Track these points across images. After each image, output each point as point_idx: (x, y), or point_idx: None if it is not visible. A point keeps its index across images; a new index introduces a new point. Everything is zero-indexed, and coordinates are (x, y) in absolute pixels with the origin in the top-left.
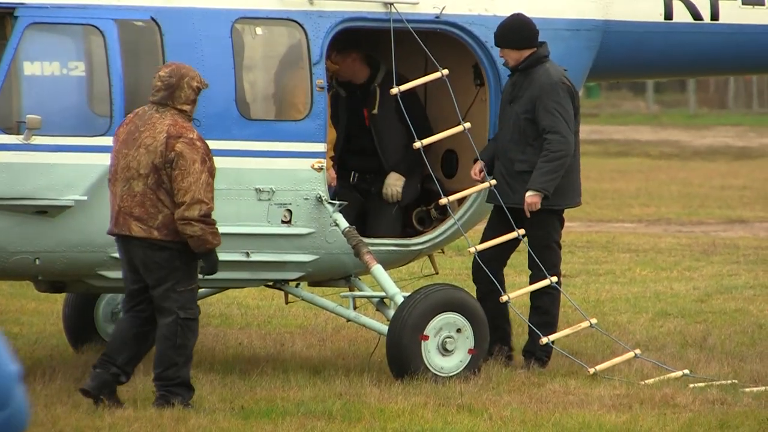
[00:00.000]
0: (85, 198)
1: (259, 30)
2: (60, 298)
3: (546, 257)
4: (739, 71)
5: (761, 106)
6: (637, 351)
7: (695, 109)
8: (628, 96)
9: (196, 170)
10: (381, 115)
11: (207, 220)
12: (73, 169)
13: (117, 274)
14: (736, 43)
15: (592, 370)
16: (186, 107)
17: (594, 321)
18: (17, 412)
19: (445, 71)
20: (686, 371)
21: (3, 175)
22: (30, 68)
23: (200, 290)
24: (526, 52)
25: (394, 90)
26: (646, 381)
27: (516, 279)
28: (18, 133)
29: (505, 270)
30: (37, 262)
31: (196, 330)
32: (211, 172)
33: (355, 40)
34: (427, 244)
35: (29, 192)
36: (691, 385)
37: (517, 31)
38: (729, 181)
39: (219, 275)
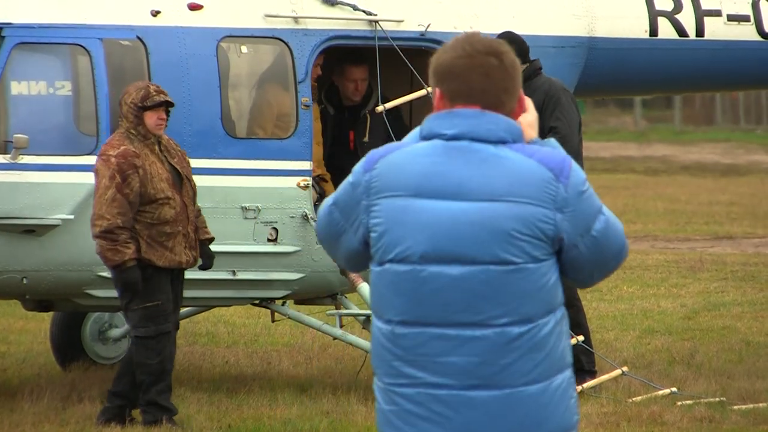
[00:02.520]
0: (72, 217)
1: (244, 48)
2: (47, 317)
3: None
4: (725, 87)
5: (748, 122)
6: (625, 368)
7: (681, 126)
8: (614, 112)
9: (102, 186)
10: (371, 143)
11: (106, 236)
12: (60, 188)
13: (104, 293)
14: (721, 60)
15: (579, 388)
16: (126, 124)
17: (581, 338)
18: None
19: (430, 89)
20: (674, 389)
21: None
22: (17, 87)
23: (186, 309)
24: (523, 67)
25: (380, 108)
26: (634, 399)
27: None
28: (5, 153)
29: None
30: (25, 281)
31: (156, 348)
32: (122, 188)
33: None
34: None
35: (16, 211)
36: (679, 403)
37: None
38: (716, 197)
39: (205, 293)
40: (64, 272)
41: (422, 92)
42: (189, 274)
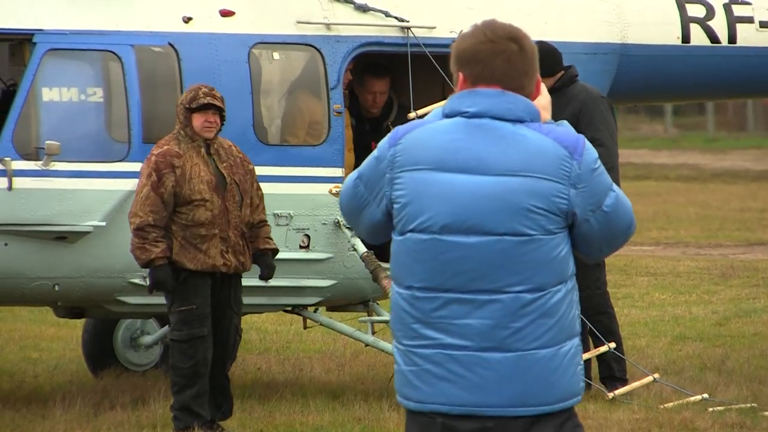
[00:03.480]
0: (104, 224)
1: (276, 55)
2: (79, 324)
3: (591, 273)
4: (757, 94)
5: None
6: (656, 375)
7: (714, 132)
8: (645, 119)
9: (140, 183)
10: None
11: (137, 233)
12: (91, 195)
13: (136, 300)
14: (753, 66)
15: (611, 395)
16: (177, 124)
17: (613, 345)
18: None
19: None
20: (705, 395)
21: (22, 201)
22: (48, 94)
23: None
24: (558, 75)
25: (412, 114)
26: (665, 405)
27: None
28: (37, 159)
29: None
30: (57, 288)
31: (188, 352)
32: (156, 186)
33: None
34: None
35: (48, 218)
36: (710, 409)
37: (545, 57)
38: (748, 204)
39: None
40: (95, 279)
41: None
42: None
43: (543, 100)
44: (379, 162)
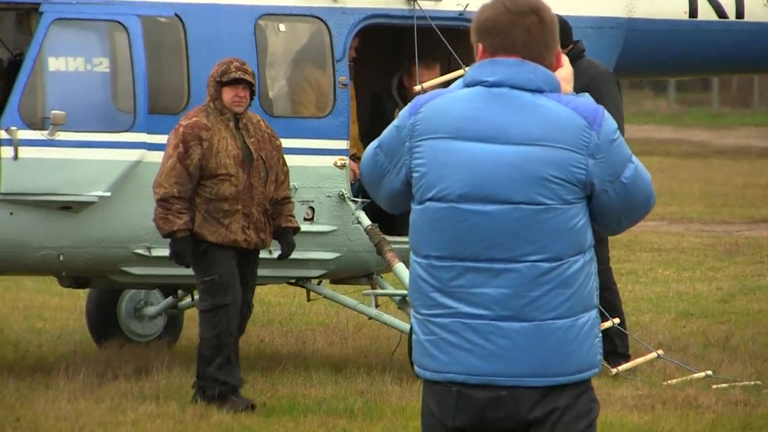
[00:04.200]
0: (109, 194)
1: (282, 26)
2: (82, 294)
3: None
4: (765, 70)
5: None
6: (660, 351)
7: (718, 109)
8: (649, 95)
9: (166, 154)
10: None
11: (161, 204)
12: (97, 165)
13: (140, 270)
14: (761, 41)
15: (614, 371)
16: (207, 97)
17: (617, 321)
18: None
19: (464, 71)
20: (709, 372)
21: (27, 171)
22: (55, 64)
23: None
24: (567, 49)
25: (417, 87)
26: (669, 381)
27: None
28: (43, 129)
29: None
30: (61, 257)
31: (213, 322)
32: (182, 158)
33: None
34: None
35: (53, 187)
36: (714, 386)
37: None
38: (752, 180)
39: None
40: (100, 249)
41: (460, 72)
42: None
43: (564, 72)
44: (400, 131)
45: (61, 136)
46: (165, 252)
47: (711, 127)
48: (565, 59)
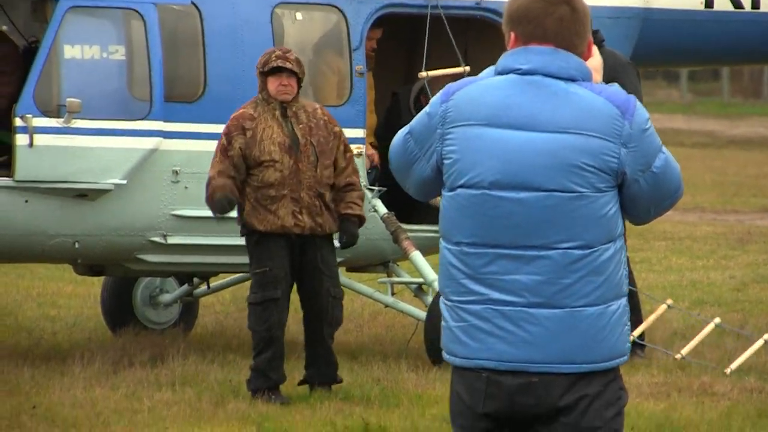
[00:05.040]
0: (125, 182)
1: (299, 15)
2: (97, 282)
3: None
4: None
5: None
6: (669, 301)
7: (729, 99)
8: (661, 85)
9: (216, 147)
10: None
11: (207, 185)
12: (112, 153)
13: (155, 258)
14: None
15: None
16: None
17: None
18: None
19: (467, 68)
20: (717, 320)
21: (43, 159)
22: (70, 51)
23: (238, 275)
24: None
25: (423, 74)
26: (681, 352)
27: None
28: (58, 117)
29: None
30: (77, 245)
31: (263, 315)
32: (225, 150)
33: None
34: None
35: (69, 175)
36: (727, 371)
37: None
38: (764, 170)
39: None
40: (115, 237)
41: (459, 69)
42: (232, 240)
43: (594, 62)
44: (431, 118)
45: (77, 123)
46: (181, 240)
47: (722, 117)
48: (594, 49)
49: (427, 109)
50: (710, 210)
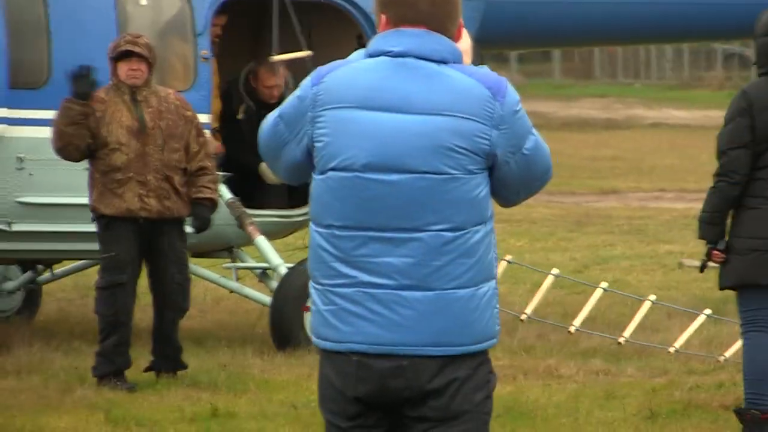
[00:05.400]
0: None
1: (143, 0)
2: None
3: None
4: (629, 41)
5: (626, 76)
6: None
7: (561, 80)
8: (491, 66)
9: None
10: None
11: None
12: None
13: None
14: (625, 14)
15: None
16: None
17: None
18: None
19: (310, 52)
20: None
21: None
22: None
23: (82, 261)
24: None
25: (276, 58)
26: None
27: None
28: None
29: None
30: None
31: (109, 300)
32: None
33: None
34: (308, 216)
35: None
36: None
37: None
38: (600, 152)
39: (94, 246)
40: None
41: (304, 53)
42: (77, 227)
43: (464, 45)
44: (302, 101)
45: None
46: (24, 227)
47: (554, 98)
48: (464, 32)
49: (297, 92)
50: (545, 191)
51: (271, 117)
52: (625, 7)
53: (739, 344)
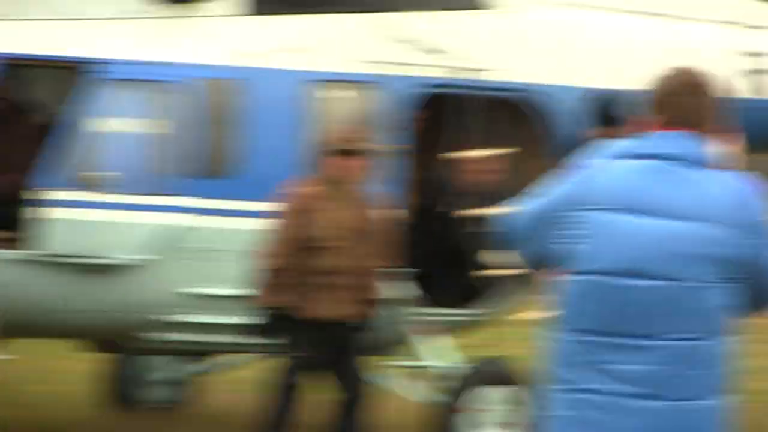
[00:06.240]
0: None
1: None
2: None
3: None
4: None
5: None
6: None
7: None
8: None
9: None
10: None
11: None
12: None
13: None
14: None
15: None
16: None
17: None
18: None
19: (506, 150)
20: None
21: (65, 232)
22: (95, 125)
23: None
24: None
25: (472, 154)
26: None
27: None
28: (83, 190)
29: None
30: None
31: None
32: None
33: None
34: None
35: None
36: None
37: None
38: None
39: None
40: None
41: (502, 151)
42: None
43: (730, 150)
44: (562, 198)
45: (109, 198)
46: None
47: None
48: (731, 136)
49: (557, 188)
50: None
51: (527, 205)
52: None
53: None
